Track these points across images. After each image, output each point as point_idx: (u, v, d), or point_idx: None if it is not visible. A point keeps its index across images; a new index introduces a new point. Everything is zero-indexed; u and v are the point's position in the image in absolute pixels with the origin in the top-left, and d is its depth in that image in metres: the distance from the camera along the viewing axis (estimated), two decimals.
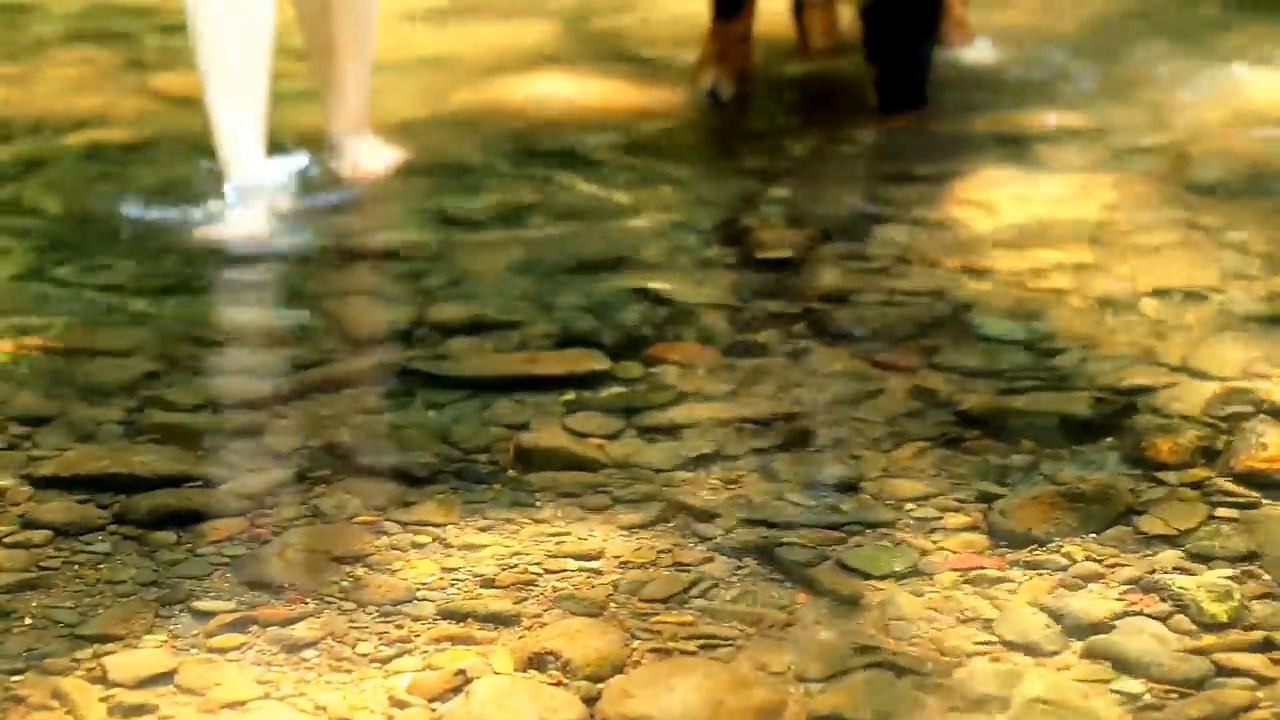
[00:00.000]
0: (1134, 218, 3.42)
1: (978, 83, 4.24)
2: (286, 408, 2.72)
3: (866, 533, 2.35)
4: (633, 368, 2.83)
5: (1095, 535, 2.33)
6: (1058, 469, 2.50)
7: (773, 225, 3.43)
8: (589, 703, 2.00)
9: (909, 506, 2.41)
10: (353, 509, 2.42)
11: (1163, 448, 2.52)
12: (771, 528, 2.35)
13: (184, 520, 2.38)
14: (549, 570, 2.27)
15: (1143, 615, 2.15)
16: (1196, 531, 2.33)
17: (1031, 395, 2.69)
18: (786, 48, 4.46)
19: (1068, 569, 2.26)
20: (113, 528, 2.37)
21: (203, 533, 2.35)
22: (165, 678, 2.05)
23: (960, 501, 2.42)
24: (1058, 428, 2.60)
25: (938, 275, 3.18)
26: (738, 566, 2.28)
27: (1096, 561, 2.27)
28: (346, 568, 2.27)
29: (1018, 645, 2.10)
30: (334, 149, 3.68)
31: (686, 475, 2.50)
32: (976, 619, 2.16)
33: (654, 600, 2.20)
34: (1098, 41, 4.58)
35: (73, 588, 2.24)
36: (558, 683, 2.03)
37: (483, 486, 2.48)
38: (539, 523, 2.38)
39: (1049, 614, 2.16)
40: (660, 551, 2.31)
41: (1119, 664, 2.06)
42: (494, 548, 2.32)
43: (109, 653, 2.09)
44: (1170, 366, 2.79)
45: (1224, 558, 2.27)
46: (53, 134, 3.97)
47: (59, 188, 3.65)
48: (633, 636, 2.12)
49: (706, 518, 2.39)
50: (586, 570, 2.27)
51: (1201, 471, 2.48)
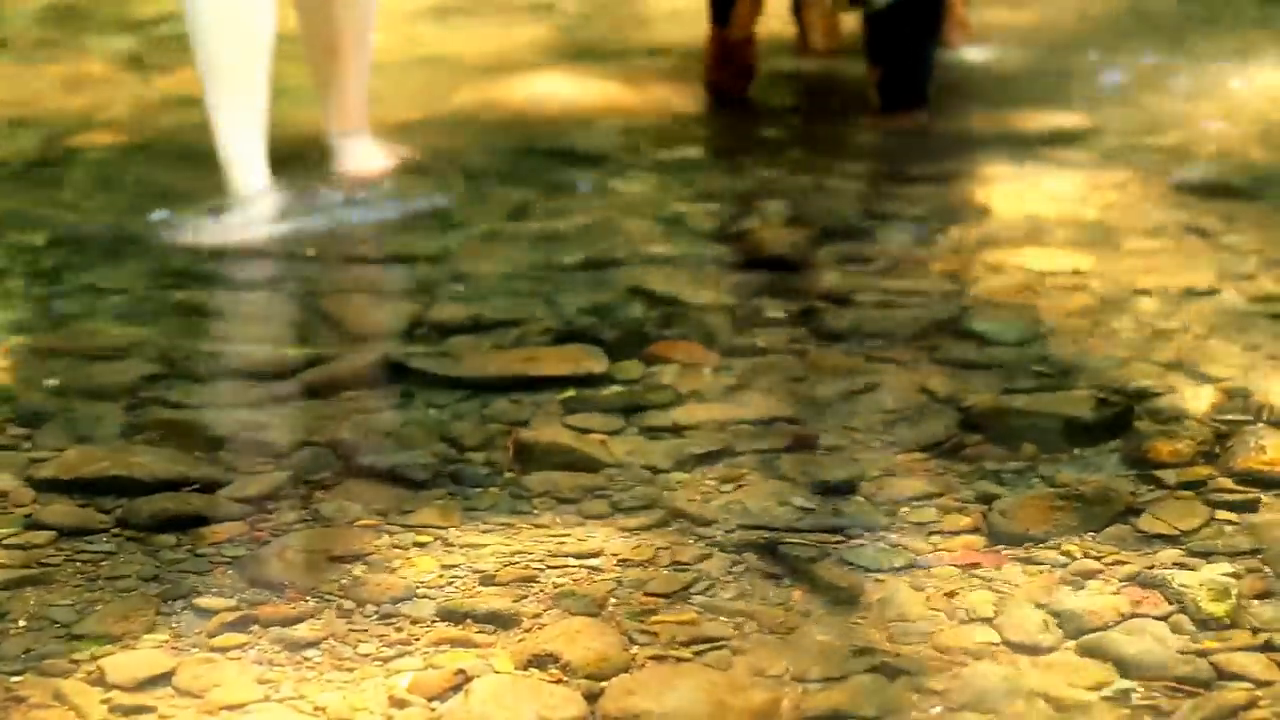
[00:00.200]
0: (1133, 218, 3.42)
1: (978, 83, 4.24)
2: (286, 407, 2.72)
3: (866, 533, 2.35)
4: (633, 367, 2.83)
5: (1095, 535, 2.33)
6: (1057, 470, 2.50)
7: (773, 225, 3.43)
8: (590, 701, 1.99)
9: (908, 507, 2.41)
10: (353, 509, 2.41)
11: (1163, 449, 2.52)
12: (771, 528, 2.35)
13: (184, 521, 2.38)
14: (549, 566, 2.27)
15: (1143, 615, 2.15)
16: (1196, 532, 2.33)
17: (1031, 396, 2.69)
18: (787, 47, 4.47)
19: (1067, 568, 2.26)
20: (114, 528, 2.37)
21: (203, 533, 2.35)
22: (164, 678, 2.04)
23: (960, 502, 2.42)
24: (1058, 428, 2.60)
25: (938, 275, 3.18)
26: (737, 566, 2.27)
27: (1096, 560, 2.27)
28: (347, 567, 2.27)
29: (1017, 644, 2.10)
30: (334, 149, 3.68)
31: (686, 475, 2.50)
32: (976, 618, 2.15)
33: (654, 599, 2.20)
34: (1098, 41, 4.58)
35: (73, 587, 2.24)
36: (558, 681, 2.03)
37: (482, 487, 2.48)
38: (538, 525, 2.38)
39: (1048, 613, 2.16)
40: (660, 550, 2.31)
41: (1118, 663, 2.06)
42: (494, 547, 2.32)
43: (108, 653, 2.09)
44: (1170, 367, 2.79)
45: (1224, 557, 2.27)
46: (52, 134, 3.97)
47: (59, 188, 3.65)
48: (631, 640, 2.12)
49: (706, 518, 2.39)
50: (586, 570, 2.27)
51: (1201, 472, 2.48)
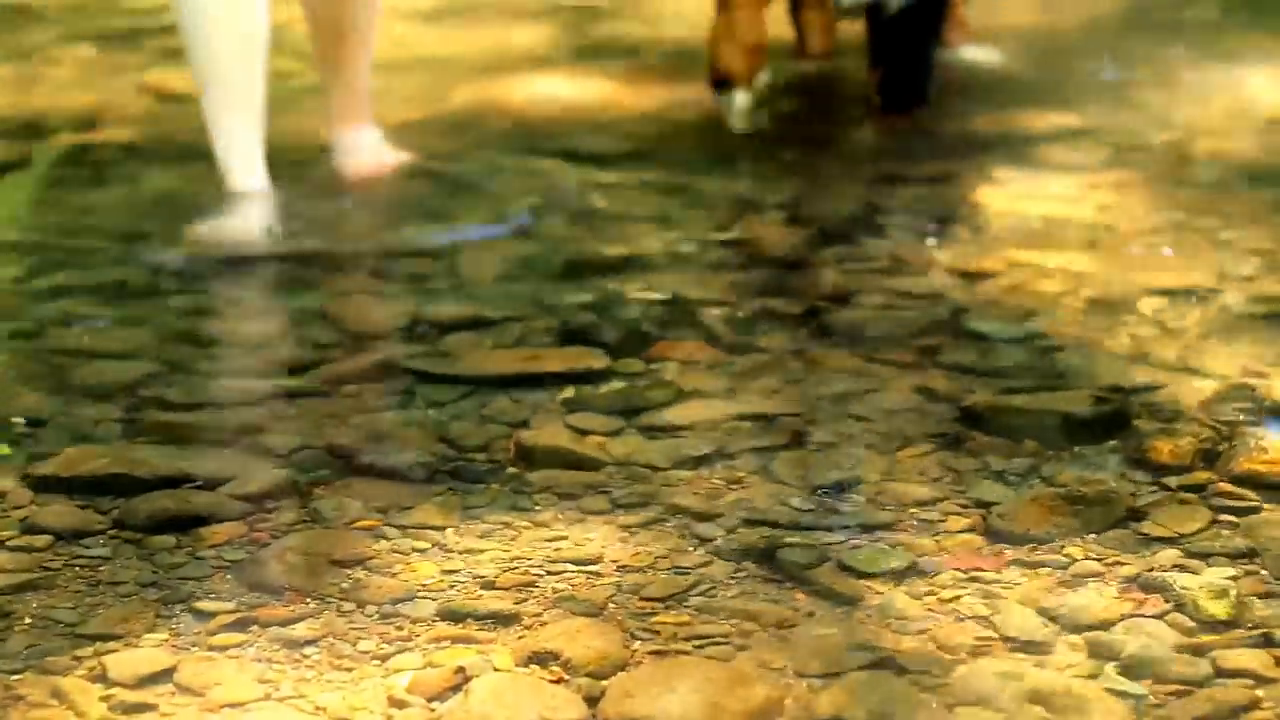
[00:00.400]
0: (1133, 218, 3.42)
1: (978, 83, 4.24)
2: (286, 407, 2.72)
3: (866, 533, 2.34)
4: (633, 366, 2.83)
5: (1095, 536, 2.33)
6: (1058, 470, 2.50)
7: (773, 225, 3.43)
8: (590, 701, 1.99)
9: (909, 507, 2.41)
10: (353, 509, 2.41)
11: (1163, 449, 2.52)
12: (772, 528, 2.35)
13: (183, 521, 2.38)
14: (549, 571, 2.27)
15: (1143, 615, 2.15)
16: (1197, 533, 2.33)
17: (1032, 396, 2.69)
18: (785, 50, 4.46)
19: (1068, 568, 2.26)
20: (113, 528, 2.37)
21: (202, 534, 2.35)
22: (165, 677, 2.05)
23: (960, 503, 2.42)
24: (1058, 429, 2.60)
25: (938, 275, 3.18)
26: (737, 567, 2.27)
27: (1096, 561, 2.27)
28: (346, 568, 2.27)
29: (1017, 644, 2.10)
30: (337, 145, 3.68)
31: (686, 475, 2.50)
32: (976, 618, 2.15)
33: (654, 600, 2.20)
34: (1098, 41, 4.58)
35: (73, 588, 2.23)
36: (558, 680, 2.03)
37: (482, 486, 2.48)
38: (539, 524, 2.38)
39: (1049, 613, 2.16)
40: (660, 552, 2.31)
41: (1119, 663, 2.06)
42: (493, 548, 2.32)
43: (109, 651, 2.09)
44: (1170, 367, 2.79)
45: (1224, 557, 2.27)
46: (52, 134, 3.97)
47: (59, 188, 3.65)
48: (632, 636, 2.12)
49: (706, 518, 2.38)
50: (586, 570, 2.27)
51: (1202, 473, 2.48)
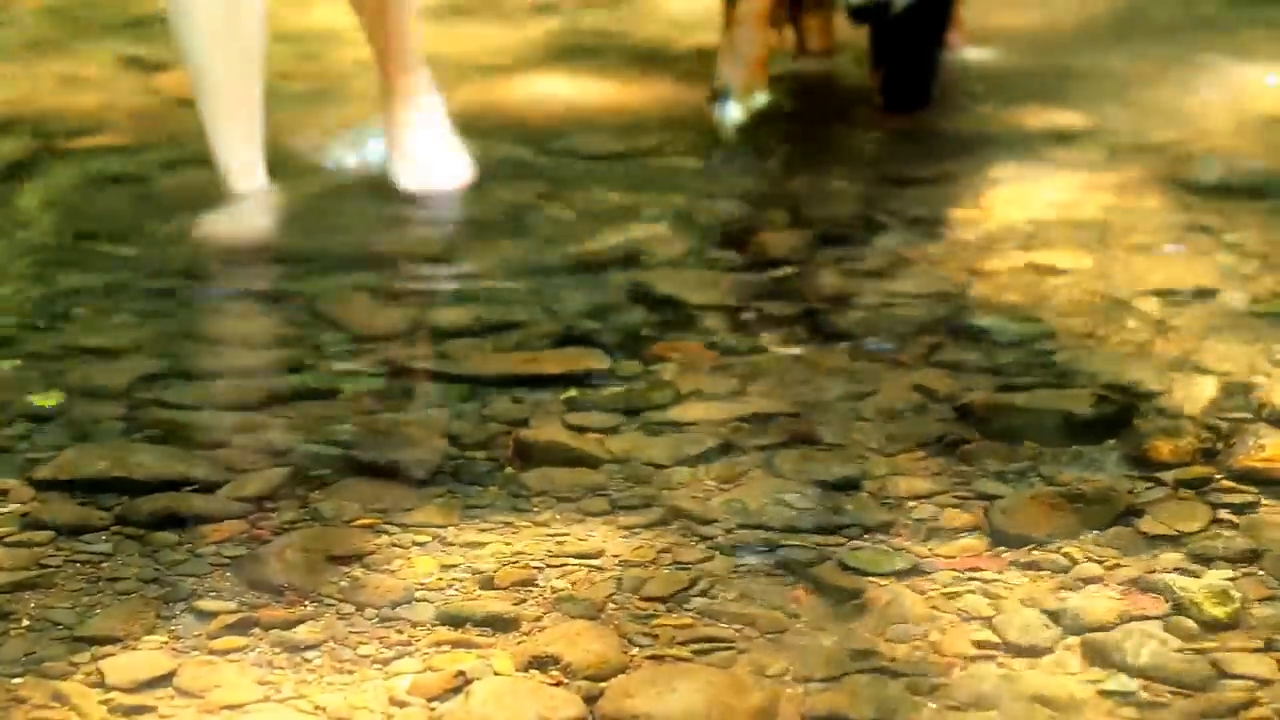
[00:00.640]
0: (1134, 217, 3.42)
1: (978, 83, 4.24)
2: (286, 407, 2.72)
3: (866, 533, 2.34)
4: (633, 367, 2.82)
5: (1095, 536, 2.33)
6: (1058, 469, 2.49)
7: (773, 226, 3.43)
8: (589, 702, 1.99)
9: (909, 506, 2.41)
10: (352, 510, 2.41)
11: (1163, 448, 2.52)
12: (771, 528, 2.35)
13: (184, 520, 2.38)
14: (549, 569, 2.27)
15: (1143, 616, 2.15)
16: (1197, 532, 2.33)
17: (1032, 395, 2.69)
18: (783, 51, 4.46)
19: (1068, 570, 2.25)
20: (113, 528, 2.37)
21: (202, 534, 2.35)
22: (165, 680, 2.04)
23: (960, 501, 2.42)
24: (1058, 428, 2.60)
25: (938, 275, 3.18)
26: (737, 566, 2.27)
27: (1097, 562, 2.27)
28: (346, 569, 2.27)
29: (1017, 646, 2.10)
30: (394, 134, 3.55)
31: (686, 474, 2.50)
32: (976, 619, 2.15)
33: (653, 600, 2.20)
34: (1098, 41, 4.57)
35: (72, 588, 2.23)
36: (558, 683, 2.03)
37: (482, 486, 2.48)
38: (538, 524, 2.38)
39: (1049, 614, 2.16)
40: (660, 551, 2.31)
41: (1119, 665, 2.06)
42: (494, 548, 2.32)
43: (108, 654, 2.08)
44: (1170, 365, 2.79)
45: (1224, 558, 2.27)
46: (52, 134, 3.97)
47: (58, 188, 3.64)
48: (631, 642, 2.11)
49: (706, 519, 2.38)
50: (586, 570, 2.27)
51: (1202, 471, 2.48)
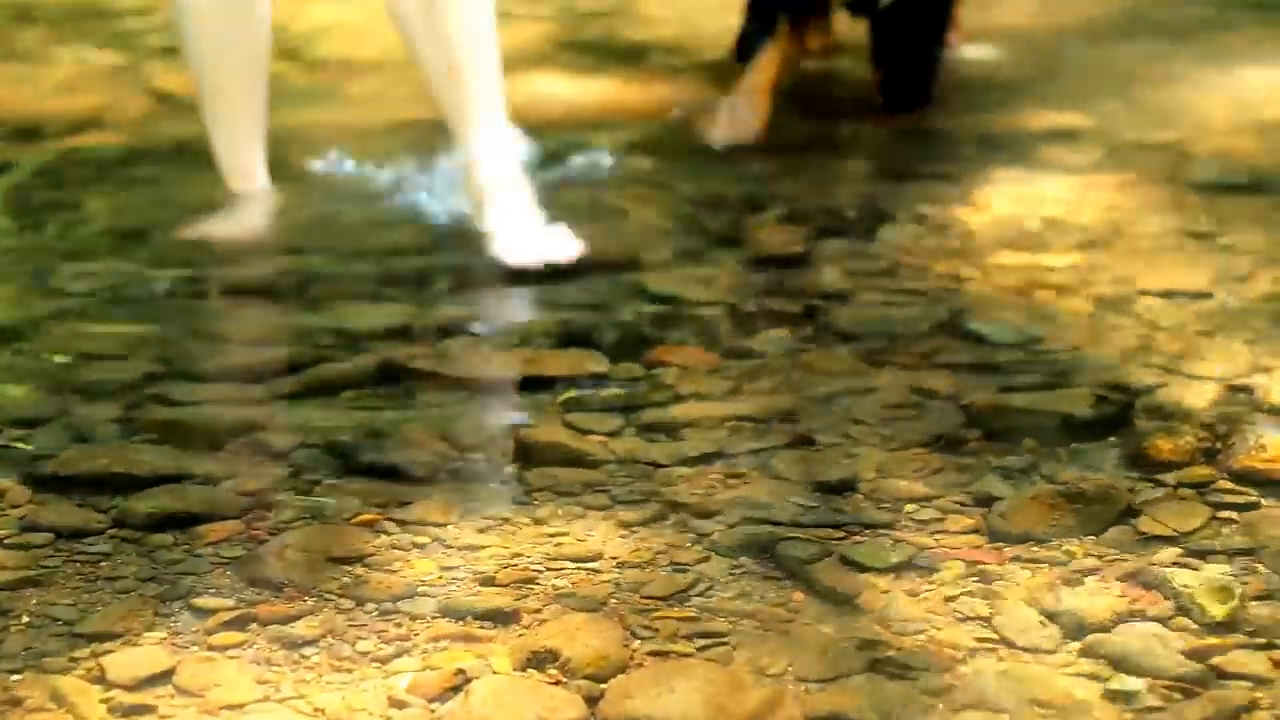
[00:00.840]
0: (1133, 218, 3.42)
1: (978, 83, 4.24)
2: (285, 407, 2.72)
3: (865, 532, 2.34)
4: (633, 367, 2.82)
5: (1095, 535, 2.33)
6: (1057, 469, 2.49)
7: (773, 225, 3.43)
8: (590, 702, 1.99)
9: (908, 506, 2.41)
10: (352, 508, 2.41)
11: (1163, 448, 2.52)
12: (771, 526, 2.35)
13: (183, 519, 2.38)
14: (549, 569, 2.27)
15: (1142, 615, 2.15)
16: (1196, 531, 2.33)
17: (1031, 395, 2.69)
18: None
19: (1067, 567, 2.26)
20: (112, 527, 2.37)
21: (201, 533, 2.35)
22: (164, 677, 2.04)
23: (960, 502, 2.42)
24: (1057, 428, 2.60)
25: (938, 275, 3.18)
26: (736, 565, 2.27)
27: (1096, 559, 2.27)
28: (346, 567, 2.27)
29: (1017, 644, 2.10)
30: (490, 219, 3.34)
31: (686, 474, 2.50)
32: (975, 618, 2.15)
33: (654, 598, 2.20)
34: (1097, 41, 4.58)
35: (71, 586, 2.23)
36: (557, 682, 2.03)
37: (482, 486, 2.48)
38: (538, 522, 2.38)
39: (1048, 613, 2.16)
40: (659, 550, 2.31)
41: (1118, 663, 2.06)
42: (493, 547, 2.32)
43: (107, 652, 2.08)
44: (1170, 366, 2.79)
45: (1224, 556, 2.27)
46: (52, 135, 3.97)
47: (58, 189, 3.65)
48: (633, 635, 2.11)
49: (706, 516, 2.38)
50: (586, 569, 2.27)
51: (1201, 471, 2.48)
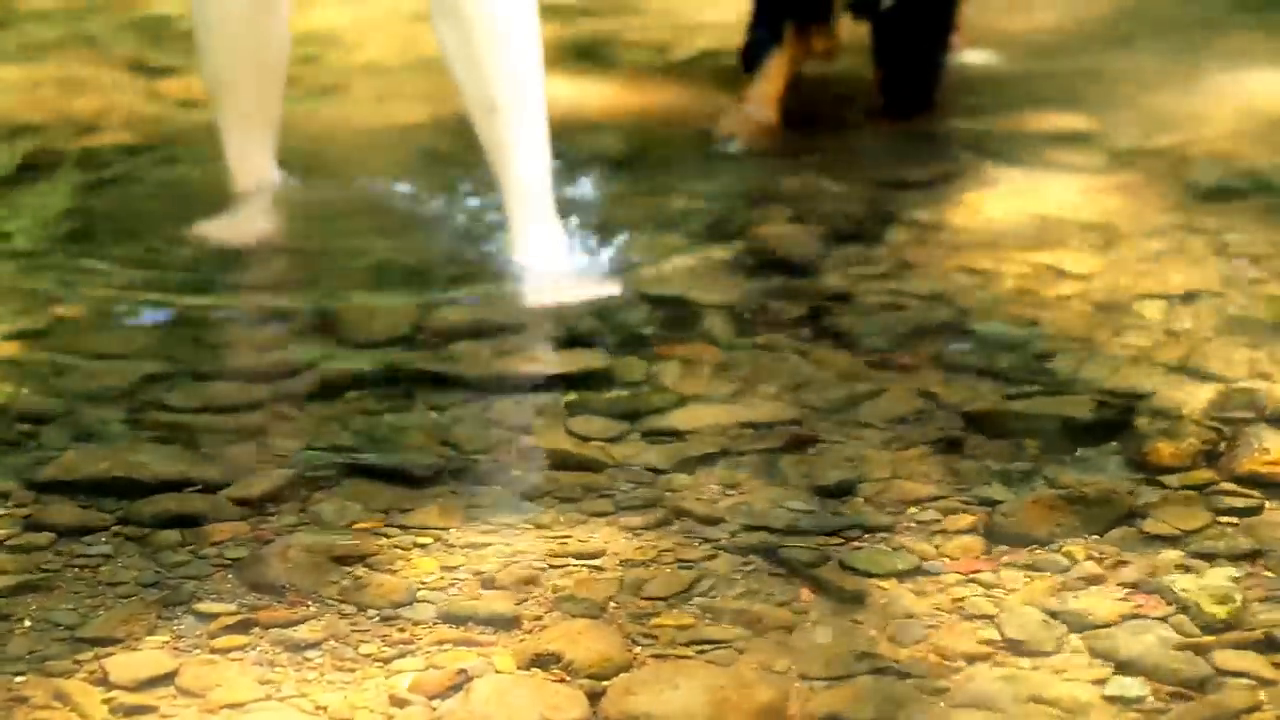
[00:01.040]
0: (1134, 219, 3.42)
1: (980, 85, 4.24)
2: (288, 409, 2.72)
3: (868, 535, 2.34)
4: (635, 369, 2.82)
5: (1097, 538, 2.33)
6: (1059, 472, 2.49)
7: (775, 227, 3.43)
8: (592, 700, 1.99)
9: (911, 509, 2.41)
10: (354, 511, 2.41)
11: (1164, 451, 2.52)
12: (773, 530, 2.35)
13: (185, 522, 2.38)
14: (551, 570, 2.27)
15: (1144, 617, 2.15)
16: (1198, 534, 2.33)
17: (1033, 398, 2.69)
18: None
19: (1069, 570, 2.26)
20: (115, 529, 2.37)
21: (204, 534, 2.35)
22: (166, 679, 2.05)
23: (962, 504, 2.42)
24: (1059, 430, 2.60)
25: (939, 277, 3.18)
26: (739, 568, 2.27)
27: (1098, 563, 2.27)
28: (348, 569, 2.27)
29: (1019, 646, 2.10)
30: (515, 255, 3.21)
31: (688, 477, 2.50)
32: (978, 619, 2.15)
33: (656, 599, 2.20)
34: (1099, 44, 4.57)
35: (74, 589, 2.23)
36: (560, 680, 2.03)
37: (484, 489, 2.48)
38: (540, 526, 2.38)
39: (1050, 615, 2.16)
40: (662, 552, 2.31)
41: (1120, 665, 2.06)
42: (495, 549, 2.32)
43: (110, 654, 2.09)
44: (1171, 369, 2.79)
45: (1226, 559, 2.27)
46: (53, 137, 3.97)
47: (59, 191, 3.65)
48: (634, 641, 2.12)
49: (708, 520, 2.38)
50: (588, 571, 2.27)
51: (1203, 474, 2.48)
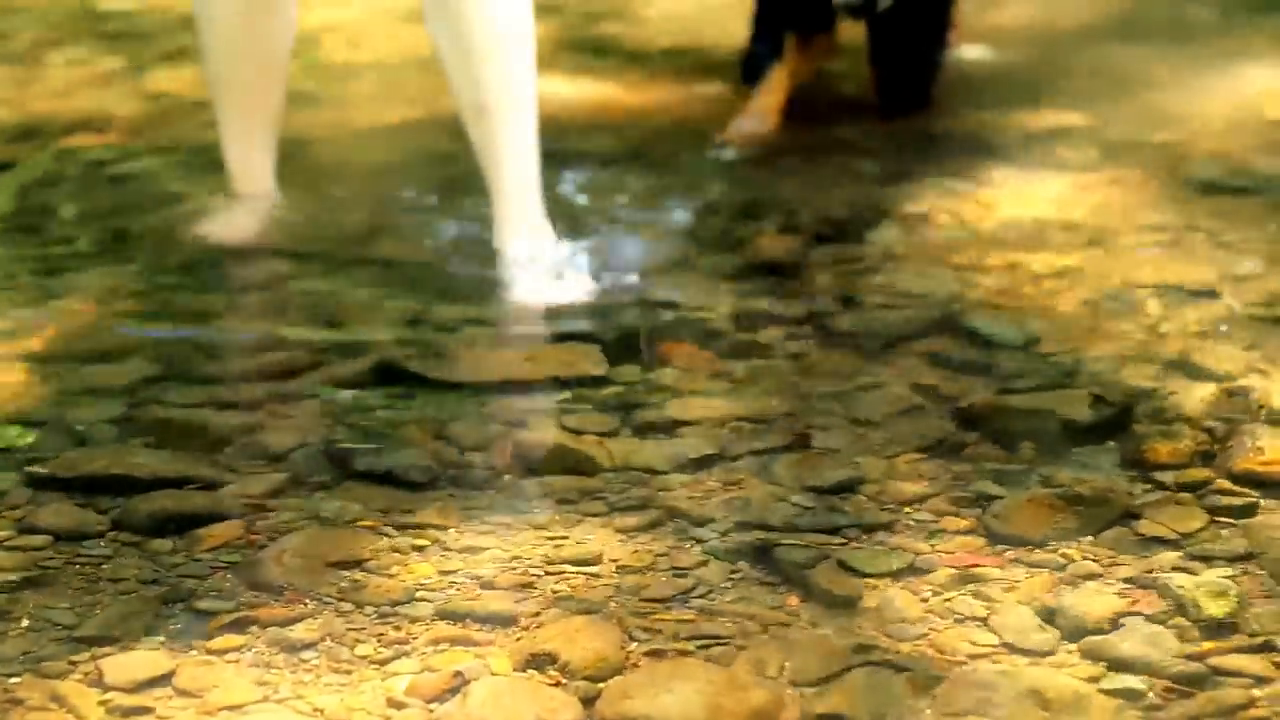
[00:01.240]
0: (1132, 218, 3.42)
1: (977, 83, 4.24)
2: (285, 408, 2.72)
3: (864, 534, 2.35)
4: (631, 371, 2.82)
5: (1093, 537, 2.33)
6: (1056, 471, 2.50)
7: (771, 226, 3.43)
8: (587, 703, 1.99)
9: (907, 508, 2.41)
10: (351, 511, 2.42)
11: (1161, 449, 2.52)
12: (769, 529, 2.35)
13: (183, 523, 2.38)
14: (547, 572, 2.27)
15: (1141, 615, 2.15)
16: (1195, 533, 2.33)
17: (1029, 396, 2.69)
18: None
19: (1065, 569, 2.26)
20: (112, 530, 2.37)
21: (201, 536, 2.35)
22: (163, 680, 2.05)
23: (958, 503, 2.42)
24: (1056, 429, 2.60)
25: (936, 276, 3.18)
26: (735, 568, 2.27)
27: (1094, 562, 2.27)
28: (345, 571, 2.27)
29: (1015, 646, 2.10)
30: (504, 265, 3.20)
31: (684, 477, 2.50)
32: (974, 619, 2.16)
33: (652, 601, 2.20)
34: (1096, 41, 4.58)
35: (71, 589, 2.24)
36: (556, 683, 2.03)
37: (480, 490, 2.48)
38: (537, 526, 2.38)
39: (1046, 614, 2.16)
40: (658, 554, 2.31)
41: (1117, 664, 2.06)
42: (492, 550, 2.32)
43: (107, 654, 2.09)
44: (1168, 367, 2.79)
45: (1222, 558, 2.27)
46: (51, 136, 3.97)
47: (58, 190, 3.65)
48: (631, 638, 2.12)
49: (704, 520, 2.39)
50: (585, 572, 2.27)
51: (1200, 473, 2.48)
